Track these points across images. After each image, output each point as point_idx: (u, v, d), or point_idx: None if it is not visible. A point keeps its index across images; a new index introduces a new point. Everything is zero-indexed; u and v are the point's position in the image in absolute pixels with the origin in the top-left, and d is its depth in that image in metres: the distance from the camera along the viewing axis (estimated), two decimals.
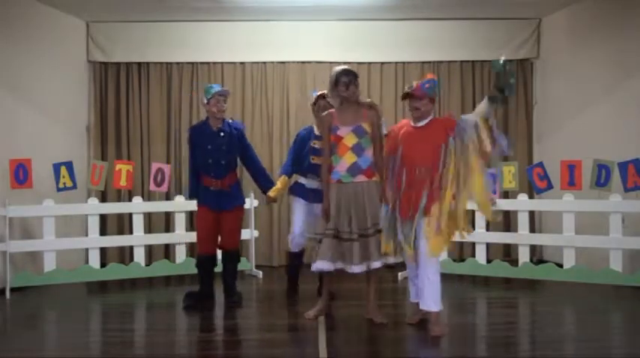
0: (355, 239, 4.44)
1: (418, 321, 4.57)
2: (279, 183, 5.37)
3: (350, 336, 4.39)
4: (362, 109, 4.54)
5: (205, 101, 5.18)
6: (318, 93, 5.32)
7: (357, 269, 4.43)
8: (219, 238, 5.30)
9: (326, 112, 4.66)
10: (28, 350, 4.19)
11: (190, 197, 5.32)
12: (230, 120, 5.36)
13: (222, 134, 5.19)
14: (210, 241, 5.22)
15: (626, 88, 5.98)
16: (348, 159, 4.50)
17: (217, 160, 5.16)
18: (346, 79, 4.50)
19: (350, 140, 4.50)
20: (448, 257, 6.35)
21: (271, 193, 5.33)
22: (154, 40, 7.24)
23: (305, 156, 5.33)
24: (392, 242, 4.46)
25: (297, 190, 5.40)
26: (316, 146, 5.25)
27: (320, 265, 4.46)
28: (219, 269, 5.42)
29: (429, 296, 4.30)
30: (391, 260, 4.49)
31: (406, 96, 4.42)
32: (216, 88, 5.22)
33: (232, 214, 5.26)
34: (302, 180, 5.38)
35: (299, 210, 5.37)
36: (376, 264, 4.44)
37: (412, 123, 4.47)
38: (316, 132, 5.32)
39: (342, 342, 4.26)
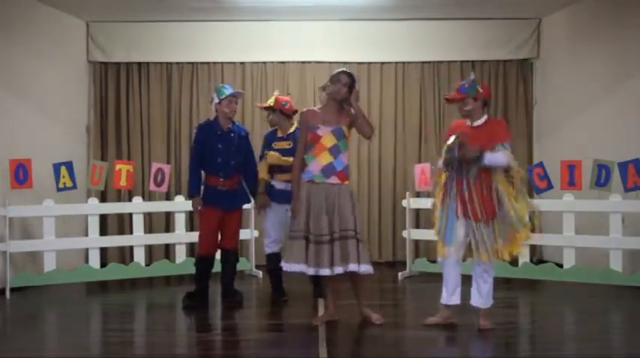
0: (325, 241, 4.35)
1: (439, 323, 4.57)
2: (262, 169, 5.41)
3: (350, 336, 4.40)
4: (343, 113, 4.50)
5: (217, 100, 5.17)
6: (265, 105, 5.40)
7: (326, 271, 4.34)
8: (220, 238, 5.29)
9: (305, 109, 4.63)
10: (28, 350, 4.18)
11: (191, 194, 5.22)
12: (237, 122, 5.39)
13: (232, 134, 5.20)
14: (213, 241, 5.22)
15: (626, 88, 5.98)
16: (323, 159, 4.43)
17: (227, 160, 5.16)
18: (340, 76, 4.47)
19: (328, 141, 4.44)
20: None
21: (260, 190, 5.38)
22: (153, 40, 7.25)
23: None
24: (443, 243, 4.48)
25: (267, 191, 5.40)
26: (276, 147, 5.30)
27: (293, 267, 4.39)
28: (215, 269, 5.41)
29: (490, 295, 4.48)
30: (364, 268, 4.36)
31: (449, 101, 4.52)
32: (229, 88, 5.22)
33: (237, 213, 5.29)
34: (272, 181, 5.37)
35: (269, 211, 5.40)
36: (352, 267, 4.33)
37: (468, 123, 4.45)
38: (278, 133, 5.38)
39: (342, 342, 4.27)
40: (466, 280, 4.61)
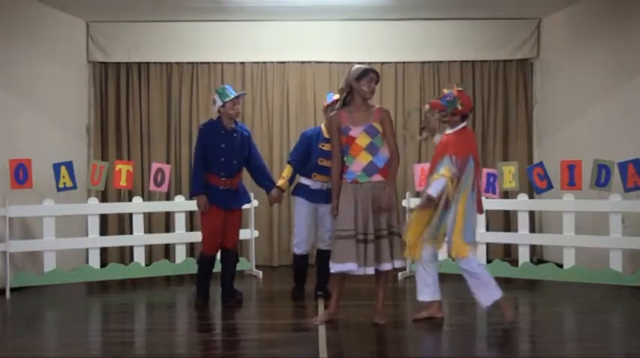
0: (371, 240, 4.39)
1: (424, 318, 4.63)
2: (285, 171, 5.37)
3: (350, 336, 4.40)
4: (372, 109, 4.50)
5: (221, 103, 5.16)
6: (335, 98, 5.25)
7: (370, 270, 4.39)
8: (223, 237, 5.28)
9: (333, 113, 4.59)
10: (28, 350, 4.18)
11: (195, 193, 5.17)
12: (240, 122, 5.39)
13: (235, 134, 5.22)
14: (217, 241, 5.23)
15: (626, 88, 5.98)
16: (363, 158, 4.45)
17: (230, 160, 5.17)
18: (373, 75, 4.47)
19: (363, 140, 4.44)
20: (448, 257, 6.34)
21: (280, 183, 5.33)
22: (153, 40, 7.25)
23: (310, 157, 5.29)
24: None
25: (300, 191, 5.35)
26: (325, 148, 5.20)
27: (347, 267, 4.36)
28: (216, 269, 5.43)
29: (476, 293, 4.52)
30: (399, 263, 4.53)
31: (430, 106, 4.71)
32: (231, 90, 5.22)
33: (238, 213, 5.30)
34: (305, 180, 5.34)
35: (302, 211, 5.32)
36: (387, 266, 4.45)
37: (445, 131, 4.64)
38: (325, 134, 5.27)
39: (342, 342, 4.26)
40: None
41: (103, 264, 6.37)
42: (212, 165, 5.18)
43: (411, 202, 6.38)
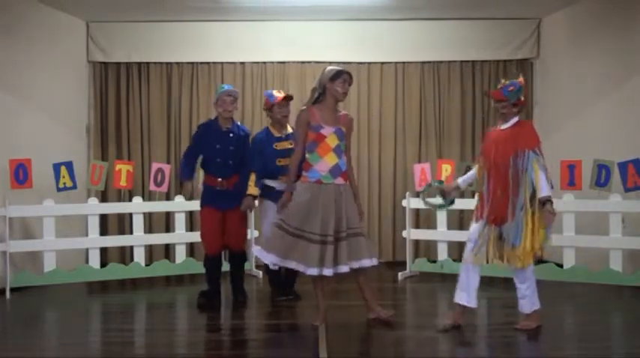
0: (330, 242, 4.36)
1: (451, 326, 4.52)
2: (251, 180, 5.26)
3: (350, 336, 4.40)
4: (339, 114, 4.56)
5: (214, 101, 5.21)
6: (283, 95, 5.28)
7: (329, 272, 4.35)
8: (225, 239, 5.28)
9: (304, 108, 4.58)
10: (28, 350, 4.19)
11: (182, 179, 5.34)
12: (238, 123, 5.38)
13: (231, 135, 5.20)
14: (215, 241, 5.21)
15: (626, 88, 5.98)
16: (330, 159, 4.45)
17: (225, 160, 5.16)
18: (347, 76, 4.49)
19: (333, 141, 4.46)
20: (448, 257, 6.35)
21: (249, 191, 5.21)
22: (154, 40, 7.25)
23: (267, 161, 5.24)
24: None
25: (266, 193, 5.28)
26: (278, 148, 5.22)
27: (269, 259, 4.43)
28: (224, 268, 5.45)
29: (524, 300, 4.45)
30: (362, 263, 4.44)
31: (489, 97, 4.59)
32: (226, 88, 5.23)
33: (236, 214, 5.22)
34: (271, 182, 5.27)
35: (270, 214, 5.23)
36: (354, 264, 4.41)
37: (498, 126, 4.45)
38: (275, 133, 5.31)
39: (342, 342, 4.26)
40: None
41: (103, 264, 6.37)
42: (209, 166, 5.19)
43: (411, 203, 6.38)
